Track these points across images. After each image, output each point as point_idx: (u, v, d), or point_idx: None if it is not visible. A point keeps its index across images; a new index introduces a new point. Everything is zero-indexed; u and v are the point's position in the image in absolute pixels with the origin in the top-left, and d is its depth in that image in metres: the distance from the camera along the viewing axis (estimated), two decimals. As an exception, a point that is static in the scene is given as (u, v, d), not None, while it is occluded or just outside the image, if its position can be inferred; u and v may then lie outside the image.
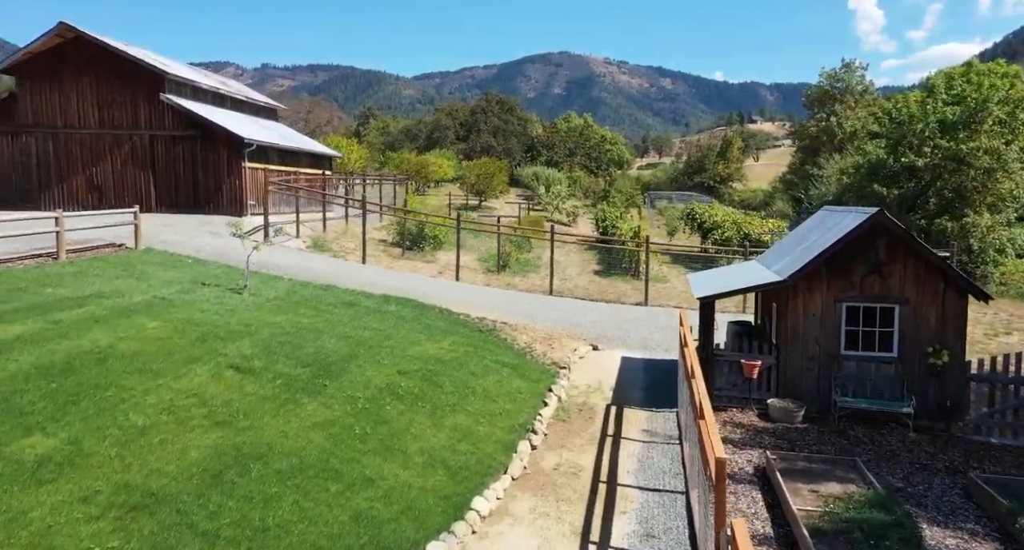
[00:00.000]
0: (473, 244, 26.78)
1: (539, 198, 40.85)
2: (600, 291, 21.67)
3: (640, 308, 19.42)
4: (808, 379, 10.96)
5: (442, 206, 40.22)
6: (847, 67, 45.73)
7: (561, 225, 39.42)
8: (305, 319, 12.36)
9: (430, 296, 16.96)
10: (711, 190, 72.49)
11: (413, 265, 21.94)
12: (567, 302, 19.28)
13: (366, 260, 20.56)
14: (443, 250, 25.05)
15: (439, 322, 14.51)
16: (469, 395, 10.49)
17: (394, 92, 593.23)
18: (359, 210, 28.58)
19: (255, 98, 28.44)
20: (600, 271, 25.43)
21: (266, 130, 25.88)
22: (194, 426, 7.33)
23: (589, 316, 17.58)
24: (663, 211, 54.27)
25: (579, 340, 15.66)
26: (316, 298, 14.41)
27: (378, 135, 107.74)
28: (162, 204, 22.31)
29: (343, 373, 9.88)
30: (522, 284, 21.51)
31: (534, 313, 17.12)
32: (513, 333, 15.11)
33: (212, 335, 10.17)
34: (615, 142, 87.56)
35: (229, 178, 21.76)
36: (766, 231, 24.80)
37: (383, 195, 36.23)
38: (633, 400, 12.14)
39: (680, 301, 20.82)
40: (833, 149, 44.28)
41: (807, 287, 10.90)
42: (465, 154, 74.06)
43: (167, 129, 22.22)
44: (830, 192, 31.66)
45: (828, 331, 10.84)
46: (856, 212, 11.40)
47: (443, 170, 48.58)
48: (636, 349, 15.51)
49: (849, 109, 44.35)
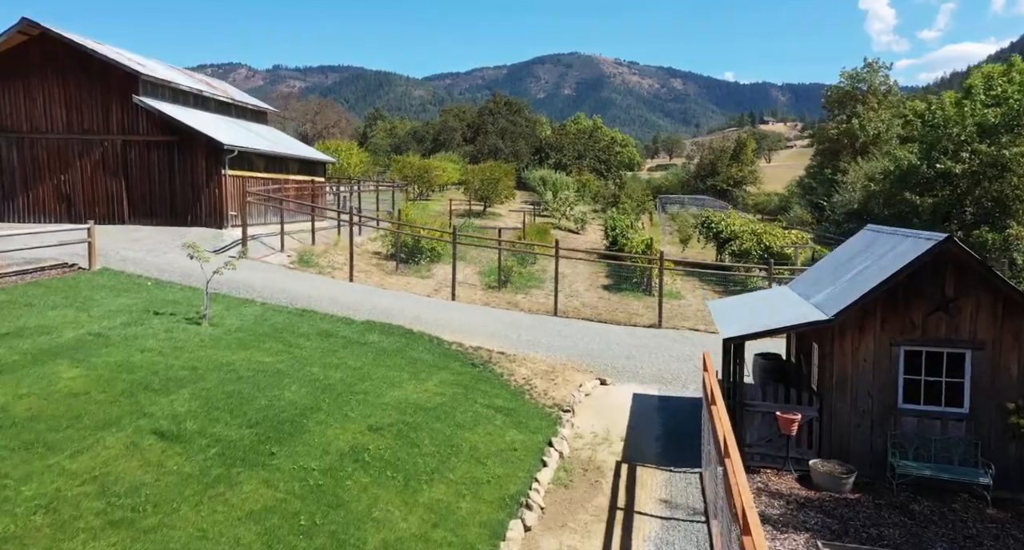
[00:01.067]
0: (474, 256, 25.10)
1: (546, 204, 39.13)
2: (609, 310, 19.91)
3: (653, 331, 17.64)
4: (858, 437, 9.17)
5: (444, 213, 38.56)
6: (869, 67, 43.70)
7: (569, 233, 37.68)
8: (268, 357, 10.68)
9: (421, 320, 15.27)
10: (724, 194, 70.52)
11: (407, 281, 20.25)
12: (573, 325, 17.54)
13: (354, 277, 18.88)
14: (441, 263, 23.36)
15: (426, 355, 12.81)
16: (452, 456, 8.78)
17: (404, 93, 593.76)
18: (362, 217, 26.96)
19: (243, 100, 26.82)
20: (609, 286, 23.66)
21: (252, 135, 24.25)
22: (79, 530, 5.65)
23: (597, 342, 15.82)
24: (675, 217, 52.40)
25: (585, 372, 13.93)
26: (288, 327, 12.75)
27: (385, 137, 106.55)
28: (136, 215, 20.71)
29: (299, 433, 8.19)
30: (525, 302, 19.78)
31: (536, 339, 15.40)
32: (511, 366, 13.40)
33: (144, 385, 8.51)
34: (625, 144, 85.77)
35: (208, 187, 20.13)
36: (789, 244, 22.96)
37: (382, 202, 34.63)
38: (648, 454, 10.39)
39: (696, 322, 19.04)
40: (854, 152, 42.36)
41: (857, 326, 9.12)
42: (472, 156, 72.47)
43: (141, 134, 20.61)
44: (855, 199, 29.80)
45: (883, 380, 9.05)
46: (915, 236, 9.61)
47: (447, 174, 46.95)
48: (649, 383, 13.76)
49: (871, 110, 42.34)
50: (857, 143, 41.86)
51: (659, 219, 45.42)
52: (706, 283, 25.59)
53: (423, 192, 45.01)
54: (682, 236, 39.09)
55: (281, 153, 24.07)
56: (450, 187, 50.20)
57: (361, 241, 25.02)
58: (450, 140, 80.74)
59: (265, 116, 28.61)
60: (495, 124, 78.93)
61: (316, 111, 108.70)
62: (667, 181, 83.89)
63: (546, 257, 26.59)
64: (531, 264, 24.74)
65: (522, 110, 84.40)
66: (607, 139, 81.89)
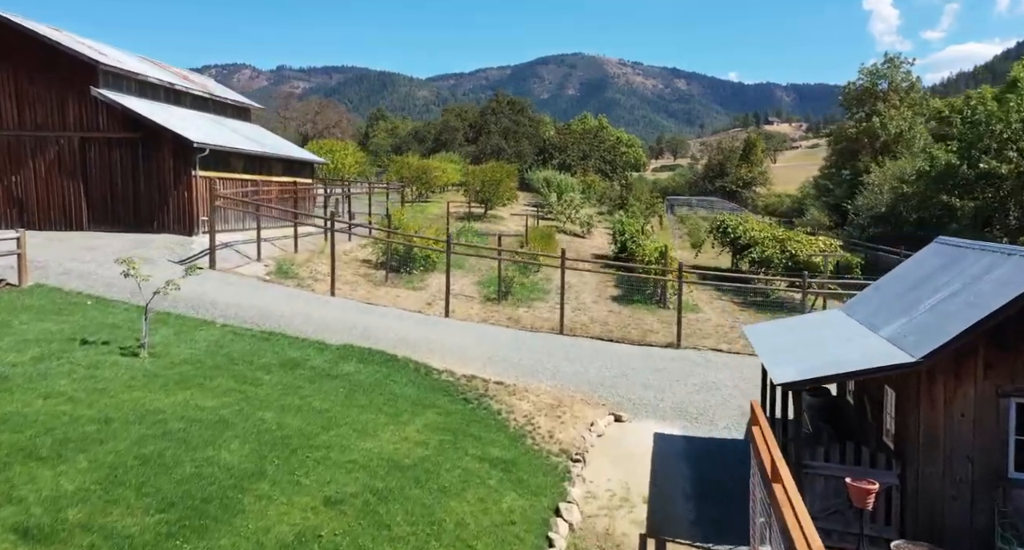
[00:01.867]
0: (472, 263, 23.15)
1: (550, 207, 37.16)
2: (621, 326, 17.91)
3: (671, 353, 15.63)
4: (954, 513, 7.17)
5: (443, 216, 36.60)
6: (890, 62, 41.57)
7: (575, 237, 35.70)
8: (211, 399, 8.72)
9: (408, 342, 13.31)
10: (733, 195, 68.47)
11: (396, 294, 18.28)
12: (581, 345, 15.55)
13: (336, 291, 16.90)
14: (436, 272, 21.39)
15: (410, 389, 10.85)
16: (432, 538, 6.81)
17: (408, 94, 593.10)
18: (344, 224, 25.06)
19: (223, 95, 24.79)
20: (619, 297, 21.66)
21: (230, 133, 22.29)
22: None
23: (609, 366, 13.84)
24: (684, 220, 50.39)
25: (597, 406, 11.97)
26: (247, 356, 10.79)
27: (386, 137, 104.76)
28: (96, 221, 18.74)
29: (228, 516, 6.23)
30: (527, 317, 17.81)
31: (540, 363, 13.43)
32: (510, 400, 11.43)
33: (27, 451, 6.56)
34: (631, 144, 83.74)
35: (176, 189, 18.15)
36: (816, 251, 20.95)
37: (379, 205, 32.68)
38: (679, 524, 8.41)
39: (717, 340, 17.04)
40: (874, 152, 40.28)
41: (952, 371, 7.13)
42: (474, 157, 70.54)
43: (102, 130, 18.63)
44: (882, 202, 27.74)
45: (987, 440, 7.06)
46: (1019, 255, 7.61)
47: (447, 175, 45.00)
48: (672, 419, 11.78)
49: (893, 108, 40.22)
50: (878, 142, 39.73)
51: (668, 222, 43.37)
52: (723, 293, 23.56)
53: (422, 194, 43.08)
54: (693, 240, 37.07)
55: (263, 153, 22.09)
56: (450, 188, 48.27)
57: (350, 248, 23.08)
58: (452, 140, 78.89)
59: (248, 113, 26.62)
60: (498, 124, 77.01)
61: (317, 111, 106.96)
62: (674, 182, 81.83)
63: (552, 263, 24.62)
64: (534, 272, 22.75)
65: (525, 109, 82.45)
66: (612, 139, 79.86)
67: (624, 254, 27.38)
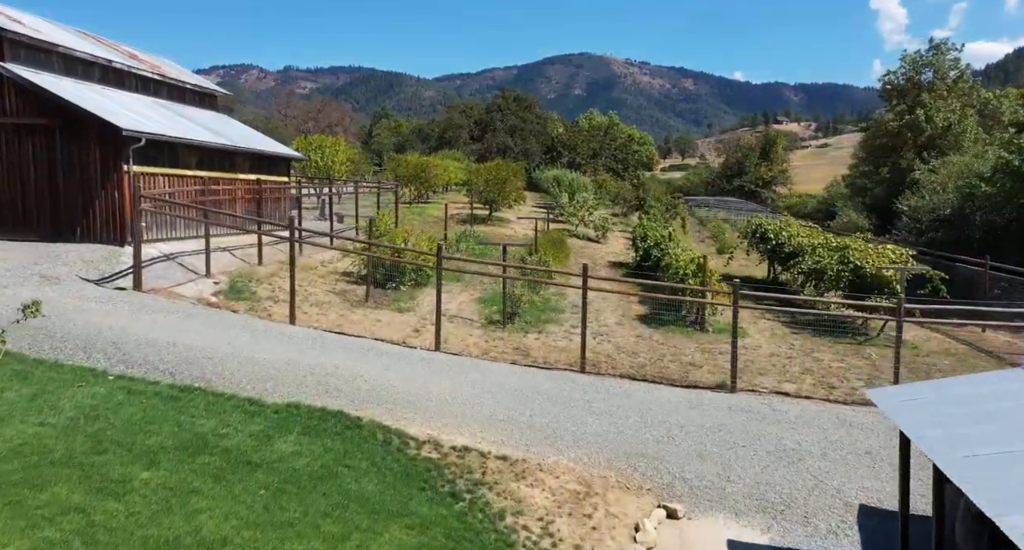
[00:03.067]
0: (473, 274, 19.67)
1: (561, 208, 33.66)
2: (654, 358, 14.40)
3: (726, 399, 12.10)
4: None
5: (442, 218, 33.18)
6: (936, 49, 37.77)
7: (589, 242, 32.21)
8: (17, 541, 5.26)
9: (382, 394, 9.86)
10: (752, 195, 64.76)
11: (377, 319, 14.82)
12: (609, 388, 12.04)
13: (298, 317, 13.40)
14: (430, 287, 17.99)
15: (371, 483, 7.37)
16: None
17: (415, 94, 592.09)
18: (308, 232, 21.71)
19: (178, 78, 21.05)
20: (648, 317, 18.13)
21: (184, 122, 18.80)
22: None
23: (649, 424, 10.35)
24: (705, 222, 46.81)
25: (639, 491, 8.50)
26: (131, 433, 7.35)
27: (389, 135, 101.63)
28: (2, 227, 15.25)
29: None
30: (538, 347, 14.33)
31: (557, 422, 9.96)
32: (518, 489, 7.97)
33: None
34: (643, 142, 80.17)
35: (105, 188, 14.74)
36: (887, 263, 17.37)
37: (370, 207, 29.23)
38: None
39: (778, 378, 13.56)
40: (918, 148, 36.60)
41: None
42: (479, 155, 67.16)
43: (10, 115, 15.01)
44: (946, 202, 24.09)
45: None
46: None
47: (448, 173, 41.55)
48: (749, 513, 8.29)
49: (940, 99, 36.47)
50: (922, 137, 36.01)
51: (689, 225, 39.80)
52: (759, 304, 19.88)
53: (421, 194, 39.66)
54: (719, 246, 33.50)
55: (224, 146, 18.58)
56: (453, 188, 44.88)
57: (330, 258, 19.65)
58: (456, 138, 75.49)
59: (213, 100, 23.11)
60: (504, 121, 73.57)
61: (318, 110, 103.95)
62: (688, 181, 78.11)
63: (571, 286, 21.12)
64: (545, 287, 19.27)
65: (532, 106, 79.00)
66: (623, 136, 76.34)
67: (648, 263, 23.90)
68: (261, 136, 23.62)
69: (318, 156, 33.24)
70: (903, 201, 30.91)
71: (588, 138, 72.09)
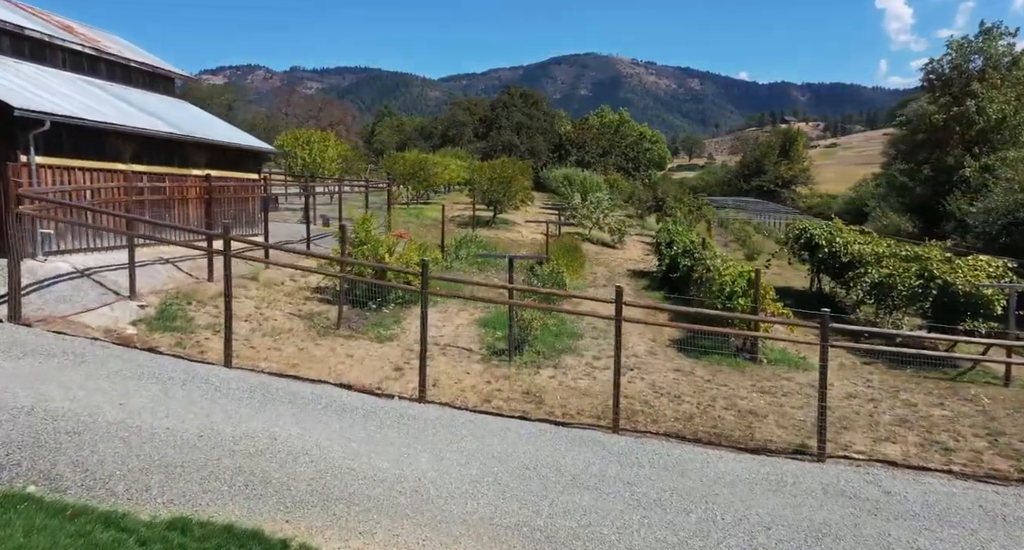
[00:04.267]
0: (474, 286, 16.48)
1: (572, 210, 30.44)
2: (703, 404, 11.17)
3: (815, 472, 8.84)
4: None
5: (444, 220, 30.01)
6: (986, 34, 34.27)
7: (604, 247, 28.98)
8: None
9: (331, 484, 6.70)
10: (772, 195, 61.30)
11: (348, 354, 11.64)
12: (654, 460, 8.81)
13: (236, 356, 10.20)
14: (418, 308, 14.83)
15: None
16: None
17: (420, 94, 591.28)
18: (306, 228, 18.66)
19: (119, 55, 17.55)
20: (683, 343, 14.87)
21: (120, 105, 15.58)
22: None
23: (722, 524, 7.14)
24: (726, 224, 43.49)
25: None
26: None
27: (391, 134, 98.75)
28: None
29: None
30: (555, 391, 11.13)
31: (589, 525, 6.77)
32: None
33: None
34: (654, 140, 76.86)
35: (-3, 187, 11.59)
36: (984, 278, 14.12)
37: (374, 206, 26.03)
38: None
39: (872, 436, 10.33)
40: (967, 143, 33.22)
41: None
42: (484, 153, 64.05)
43: None
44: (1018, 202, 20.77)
45: None
46: None
47: (449, 172, 38.37)
48: None
49: (993, 88, 33.02)
50: (971, 131, 32.58)
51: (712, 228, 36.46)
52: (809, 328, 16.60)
53: (420, 194, 36.50)
54: (748, 252, 30.24)
55: (169, 135, 15.37)
56: (456, 188, 41.70)
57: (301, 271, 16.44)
58: (460, 136, 72.41)
59: (169, 84, 19.82)
60: (510, 118, 70.41)
61: (319, 108, 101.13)
62: (703, 181, 74.61)
63: (581, 280, 17.90)
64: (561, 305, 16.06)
65: (539, 103, 75.81)
66: (635, 135, 73.05)
67: (676, 275, 20.65)
68: (225, 126, 20.35)
69: (305, 152, 30.14)
70: (953, 201, 27.62)
71: (598, 136, 68.85)
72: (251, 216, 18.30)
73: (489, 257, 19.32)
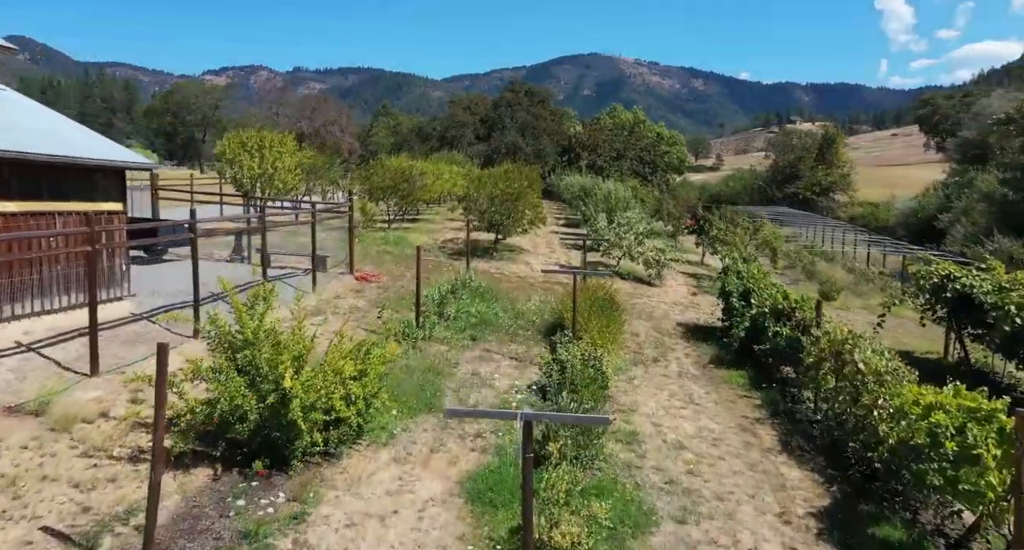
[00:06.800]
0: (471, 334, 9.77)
1: (596, 234, 23.75)
2: None
3: None
4: None
5: (430, 246, 23.23)
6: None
7: (639, 284, 22.19)
8: None
9: None
10: (807, 203, 54.43)
11: None
12: None
13: None
14: (373, 450, 8.13)
15: None
16: None
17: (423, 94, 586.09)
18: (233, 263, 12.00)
19: None
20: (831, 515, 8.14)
21: None
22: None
23: None
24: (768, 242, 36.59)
25: None
26: None
27: (387, 135, 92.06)
28: None
29: None
30: None
31: None
32: None
33: None
34: (673, 142, 70.05)
35: None
36: None
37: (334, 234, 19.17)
38: None
39: None
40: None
41: None
42: (486, 157, 57.39)
43: None
44: None
45: None
46: None
47: (442, 182, 31.65)
48: None
49: None
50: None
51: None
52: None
53: (406, 211, 29.81)
54: (824, 288, 23.43)
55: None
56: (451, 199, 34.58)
57: (190, 353, 9.72)
58: (459, 137, 65.65)
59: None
60: (514, 118, 63.69)
61: (313, 107, 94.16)
62: (728, 187, 67.56)
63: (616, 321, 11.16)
64: (596, 440, 9.35)
65: (546, 101, 69.12)
66: (651, 135, 66.30)
67: (765, 346, 13.80)
68: (74, 128, 13.10)
69: (253, 162, 23.36)
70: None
71: (611, 137, 62.13)
72: (115, 270, 11.59)
73: (486, 324, 12.52)
